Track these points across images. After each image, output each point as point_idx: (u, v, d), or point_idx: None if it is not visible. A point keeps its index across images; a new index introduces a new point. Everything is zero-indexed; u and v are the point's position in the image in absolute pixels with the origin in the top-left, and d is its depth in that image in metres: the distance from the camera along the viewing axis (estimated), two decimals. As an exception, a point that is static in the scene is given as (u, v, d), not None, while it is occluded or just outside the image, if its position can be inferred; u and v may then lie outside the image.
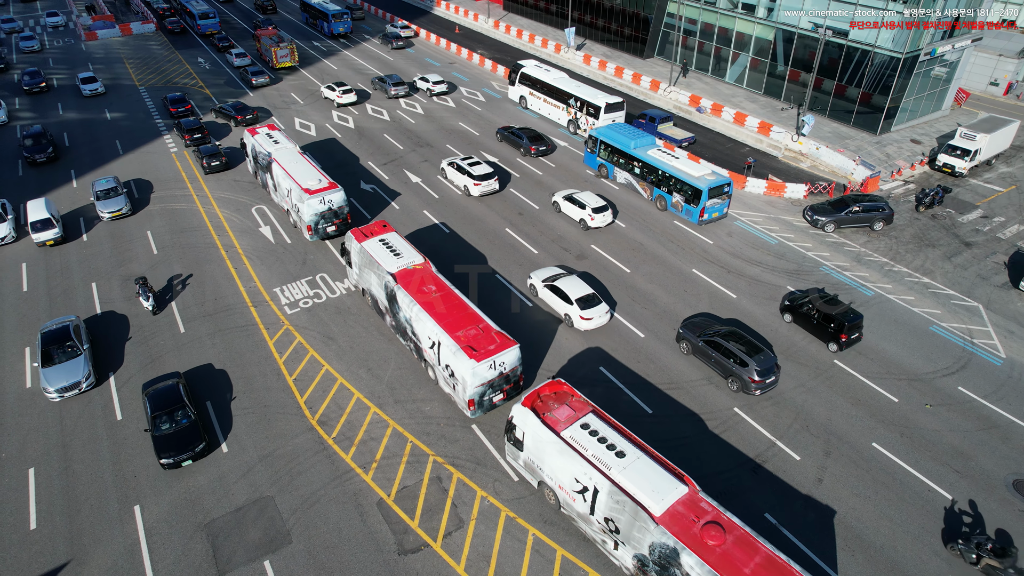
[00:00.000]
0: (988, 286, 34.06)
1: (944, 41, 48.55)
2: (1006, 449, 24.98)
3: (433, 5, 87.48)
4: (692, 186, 37.70)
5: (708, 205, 37.69)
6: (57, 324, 28.55)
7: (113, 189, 39.28)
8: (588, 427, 21.47)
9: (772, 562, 17.63)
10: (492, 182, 41.16)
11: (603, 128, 44.02)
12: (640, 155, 40.77)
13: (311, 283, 33.48)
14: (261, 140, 40.19)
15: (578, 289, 30.51)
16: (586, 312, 29.93)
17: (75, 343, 27.70)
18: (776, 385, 27.37)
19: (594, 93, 49.40)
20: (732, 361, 26.98)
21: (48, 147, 45.39)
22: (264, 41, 64.33)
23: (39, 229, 35.84)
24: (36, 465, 23.99)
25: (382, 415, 26.06)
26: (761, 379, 26.38)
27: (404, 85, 56.74)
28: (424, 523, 22.01)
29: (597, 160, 44.06)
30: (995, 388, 27.70)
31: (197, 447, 23.73)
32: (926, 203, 39.84)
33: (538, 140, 47.15)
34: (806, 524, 22.26)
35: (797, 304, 30.61)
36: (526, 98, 54.81)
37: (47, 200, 37.95)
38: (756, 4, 54.51)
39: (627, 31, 67.17)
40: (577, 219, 38.51)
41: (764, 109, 54.01)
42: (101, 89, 56.71)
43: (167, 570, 20.57)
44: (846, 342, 29.01)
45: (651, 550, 18.69)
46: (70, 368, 26.92)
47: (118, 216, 38.49)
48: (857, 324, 29.07)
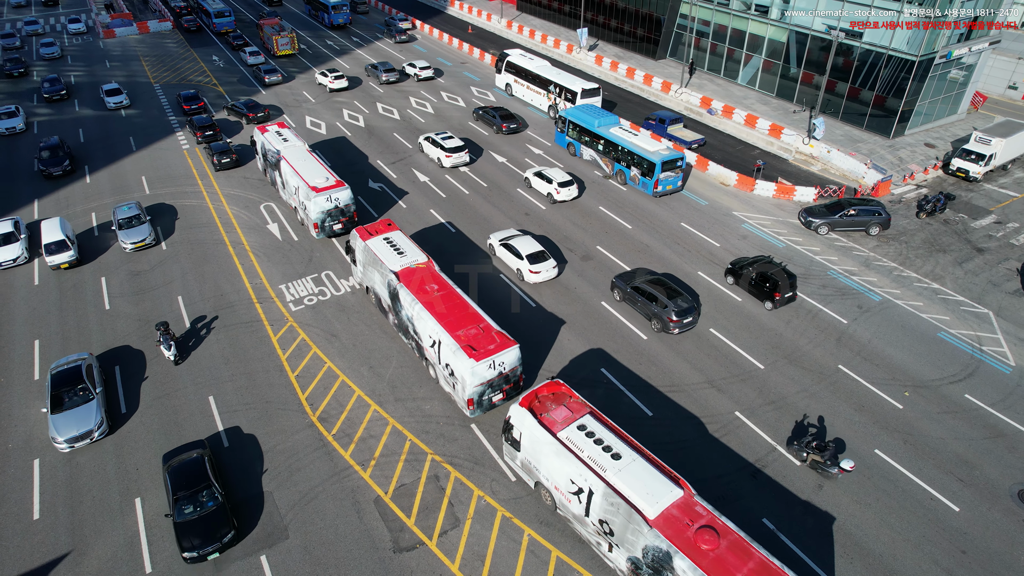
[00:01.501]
0: (999, 292, 33.57)
1: (961, 44, 47.91)
2: (1012, 459, 24.60)
3: (447, 5, 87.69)
4: (647, 160, 40.53)
5: (662, 178, 40.64)
6: (69, 364, 26.36)
7: (136, 217, 36.28)
8: (585, 428, 21.42)
9: (766, 567, 17.49)
10: (463, 154, 44.72)
11: (571, 109, 46.75)
12: (603, 133, 43.63)
13: (316, 280, 33.68)
14: (271, 138, 40.49)
15: (529, 246, 33.53)
16: (534, 266, 32.87)
17: (88, 386, 25.49)
18: (694, 326, 30.47)
19: (572, 79, 51.77)
20: (654, 304, 29.98)
21: (64, 160, 43.59)
22: (266, 30, 68.27)
23: (53, 251, 33.94)
24: (41, 456, 24.33)
25: (382, 413, 26.16)
26: (678, 319, 29.51)
27: (395, 71, 60.19)
28: (420, 521, 22.08)
29: (566, 139, 47.12)
30: (1003, 396, 27.29)
31: (224, 536, 20.77)
32: (927, 210, 39.26)
33: (509, 119, 50.56)
34: (805, 530, 22.06)
35: (738, 267, 33.15)
36: (511, 85, 57.63)
37: (62, 220, 35.98)
38: (769, 5, 54.09)
39: (640, 32, 66.93)
40: (545, 193, 41.30)
41: (776, 111, 53.59)
42: (126, 102, 54.37)
43: (165, 563, 20.78)
44: (780, 300, 31.44)
45: (644, 553, 18.61)
46: (82, 415, 24.67)
47: (142, 247, 35.69)
48: (791, 283, 31.38)
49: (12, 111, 50.84)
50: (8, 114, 50.52)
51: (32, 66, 64.96)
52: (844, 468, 23.20)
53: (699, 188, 43.11)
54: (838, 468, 23.30)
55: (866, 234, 38.01)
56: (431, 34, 76.24)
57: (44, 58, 66.66)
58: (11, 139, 49.41)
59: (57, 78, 57.39)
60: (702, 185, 43.56)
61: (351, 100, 56.53)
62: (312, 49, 70.80)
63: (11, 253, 34.68)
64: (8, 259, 34.51)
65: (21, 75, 61.88)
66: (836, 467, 23.35)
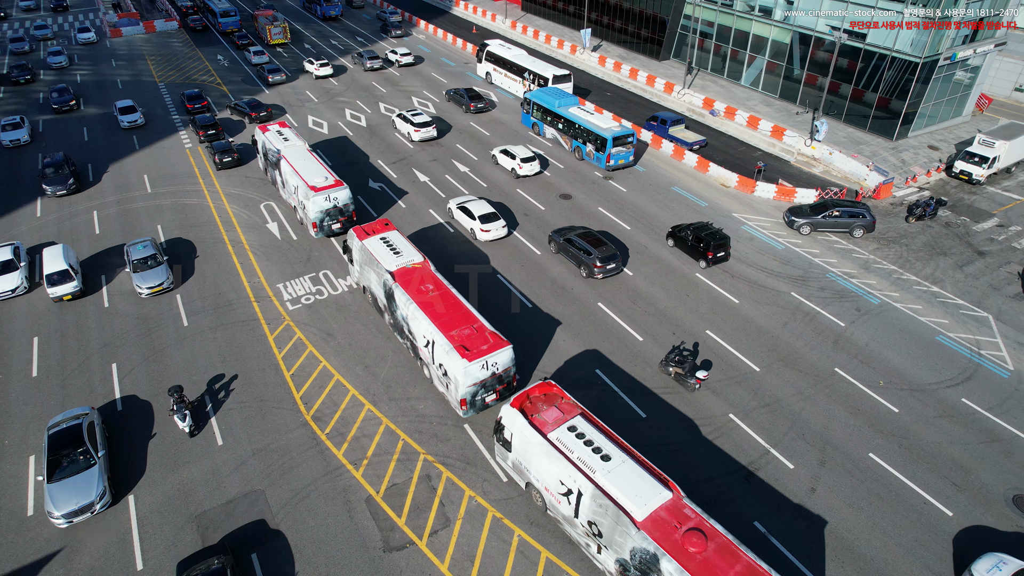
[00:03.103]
0: (1000, 296, 33.33)
1: (965, 46, 47.60)
2: (1008, 464, 24.42)
3: (451, 5, 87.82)
4: (600, 136, 43.63)
5: (613, 152, 43.70)
6: (68, 422, 23.62)
7: (152, 257, 32.90)
8: (575, 430, 21.41)
9: (753, 571, 17.43)
10: (431, 129, 48.35)
11: (535, 91, 49.88)
12: (562, 112, 46.79)
13: (314, 279, 33.79)
14: (271, 137, 40.65)
15: (482, 208, 36.91)
16: (485, 226, 36.17)
17: (89, 449, 22.81)
18: (617, 272, 33.89)
19: (545, 67, 54.91)
20: (581, 252, 33.49)
21: (69, 179, 40.99)
22: (260, 20, 72.21)
23: (56, 282, 31.42)
24: (36, 453, 24.48)
25: (376, 412, 26.22)
26: (602, 265, 32.97)
27: (379, 59, 63.97)
28: (411, 521, 22.11)
29: (531, 119, 50.35)
30: (1000, 401, 27.10)
31: None
32: (917, 214, 38.95)
33: (477, 99, 53.95)
34: (796, 534, 21.97)
35: (677, 232, 36.19)
36: (491, 74, 60.55)
37: (65, 247, 33.35)
38: (773, 7, 53.89)
39: (644, 33, 66.82)
40: (509, 168, 44.24)
41: (779, 113, 53.40)
42: (140, 121, 50.72)
43: (156, 560, 20.90)
44: (712, 259, 34.45)
45: (632, 555, 18.59)
46: (82, 484, 21.95)
47: (159, 292, 32.38)
48: (722, 244, 34.40)
49: (16, 122, 48.70)
50: (13, 125, 48.38)
51: (39, 72, 63.14)
52: (699, 378, 26.60)
53: (699, 189, 43.01)
54: (695, 378, 26.69)
55: (850, 236, 37.89)
56: (435, 34, 76.37)
57: (51, 67, 64.01)
58: (15, 151, 47.33)
59: (66, 88, 55.01)
60: (702, 186, 43.45)
61: (354, 100, 56.70)
62: (304, 39, 74.66)
63: (10, 283, 32.09)
64: (6, 289, 31.97)
65: (28, 82, 59.82)
66: (693, 377, 26.75)
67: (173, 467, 23.94)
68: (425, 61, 67.15)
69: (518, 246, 33.81)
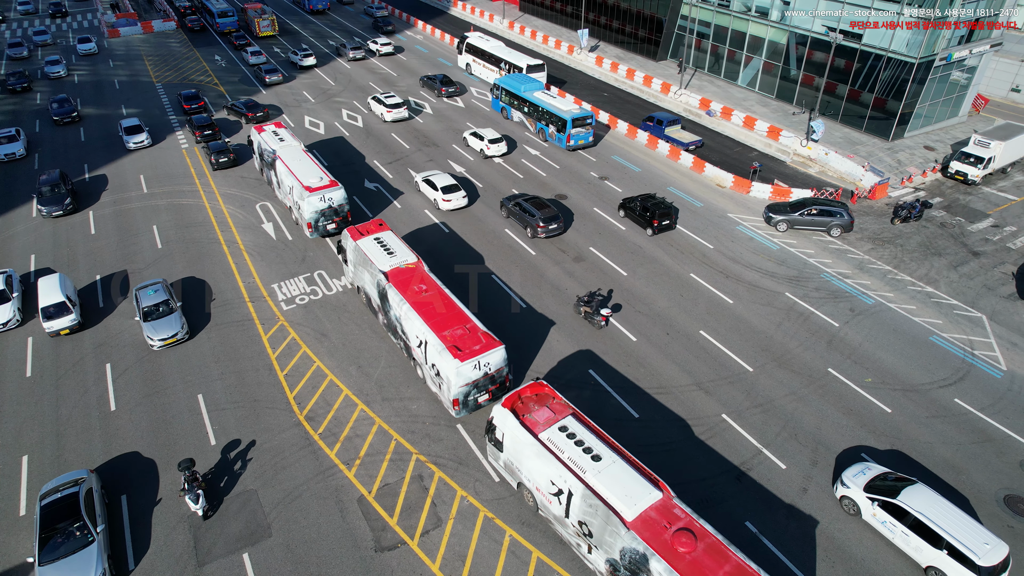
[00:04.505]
0: (994, 297, 33.35)
1: (961, 46, 47.61)
2: (999, 464, 24.44)
3: (450, 5, 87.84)
4: (560, 117, 46.53)
5: (573, 133, 46.52)
6: (62, 490, 21.17)
7: (164, 303, 29.65)
8: (566, 430, 21.43)
9: (742, 570, 17.45)
10: (402, 110, 51.64)
11: (503, 77, 52.90)
12: (527, 96, 49.70)
13: (309, 280, 33.82)
14: (267, 137, 40.67)
15: (444, 180, 39.92)
16: (446, 196, 39.12)
17: (86, 523, 20.33)
18: (559, 233, 37.15)
19: (520, 57, 57.07)
20: (527, 215, 36.87)
21: (66, 198, 38.85)
22: (249, 13, 75.08)
23: (52, 315, 29.11)
24: (30, 453, 24.52)
25: (369, 412, 26.25)
26: (544, 225, 36.31)
27: (361, 49, 67.00)
28: (402, 521, 22.14)
29: (500, 104, 53.23)
30: (993, 401, 27.12)
31: None
32: (902, 216, 38.92)
33: (448, 84, 57.18)
34: (788, 534, 21.99)
35: (627, 203, 39.04)
36: (471, 64, 62.51)
37: (62, 276, 31.14)
38: (769, 7, 53.92)
39: (641, 33, 66.85)
40: (478, 149, 46.65)
41: (775, 113, 53.43)
42: (147, 142, 47.49)
43: (148, 560, 20.92)
44: (658, 227, 37.21)
45: (622, 555, 18.61)
46: (78, 566, 19.53)
47: (172, 343, 29.16)
48: (667, 213, 37.28)
49: (12, 135, 46.37)
50: (8, 138, 46.06)
51: (36, 81, 60.99)
52: (603, 314, 29.67)
53: (695, 190, 43.04)
54: (600, 315, 29.81)
55: (827, 234, 38.04)
56: (433, 34, 76.38)
57: (49, 77, 61.50)
58: (10, 166, 45.36)
59: (67, 98, 52.76)
60: (698, 187, 43.48)
61: (350, 100, 56.73)
62: (292, 32, 77.49)
63: (1, 316, 29.91)
64: None
65: (24, 90, 57.96)
66: (598, 315, 29.85)
67: (166, 467, 23.96)
68: (424, 61, 67.63)
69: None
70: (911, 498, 21.06)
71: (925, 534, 20.46)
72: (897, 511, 21.10)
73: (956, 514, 20.63)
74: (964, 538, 19.87)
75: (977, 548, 19.65)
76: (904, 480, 21.92)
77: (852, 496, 22.30)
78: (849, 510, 22.49)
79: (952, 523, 20.30)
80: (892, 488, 21.60)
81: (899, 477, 22.16)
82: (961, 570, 19.70)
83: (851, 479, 22.59)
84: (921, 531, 20.54)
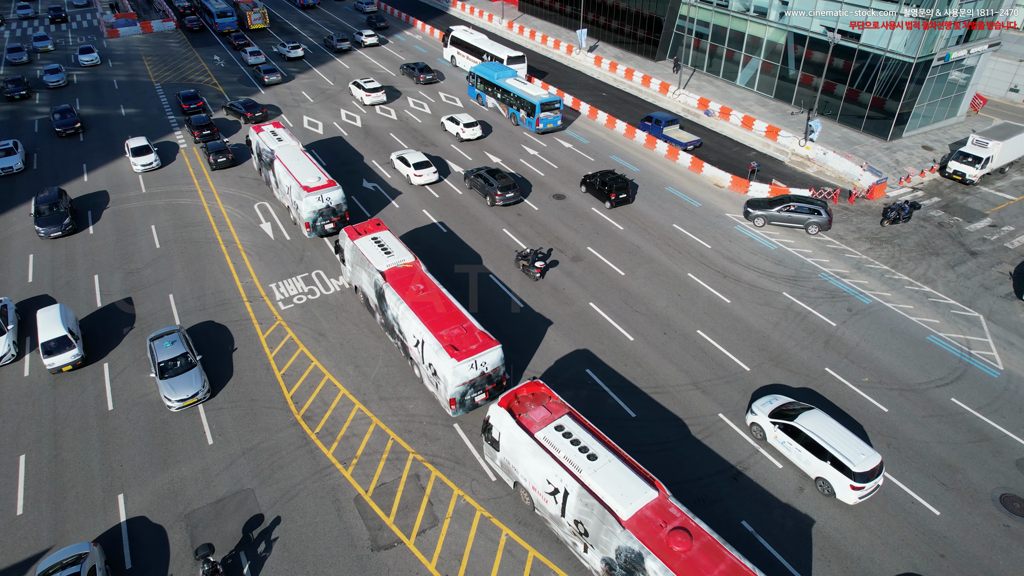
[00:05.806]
0: (991, 296, 33.37)
1: (959, 46, 47.63)
2: (996, 463, 24.47)
3: (449, 5, 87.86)
4: (530, 102, 48.90)
5: (542, 117, 48.87)
6: (63, 569, 19.14)
7: (183, 356, 26.66)
8: (562, 429, 21.46)
9: (737, 570, 17.48)
10: (380, 94, 54.69)
11: (478, 65, 55.32)
12: (500, 83, 52.00)
13: (306, 279, 33.85)
14: (265, 137, 40.71)
15: (416, 157, 42.84)
16: (418, 171, 42.05)
17: None
18: (516, 202, 40.43)
19: (501, 49, 59.45)
20: (486, 184, 40.04)
21: (65, 217, 36.68)
22: (241, 7, 77.84)
23: (53, 351, 26.95)
24: (27, 452, 24.56)
25: (366, 412, 26.28)
26: (502, 194, 39.44)
27: (347, 41, 69.85)
28: (399, 520, 22.17)
29: (475, 91, 55.65)
30: (990, 400, 27.15)
31: None
32: (891, 217, 38.85)
33: (426, 71, 60.31)
34: (784, 533, 22.02)
35: (588, 179, 41.75)
36: (456, 57, 64.78)
37: (63, 308, 29.00)
38: (768, 7, 53.94)
39: (640, 33, 66.88)
40: (454, 133, 49.15)
41: (774, 113, 53.45)
42: (156, 163, 44.35)
43: (145, 559, 20.96)
44: (615, 200, 39.91)
45: (618, 554, 18.64)
46: None
47: (192, 403, 26.19)
48: (623, 188, 39.97)
49: (10, 148, 44.27)
50: (5, 151, 43.99)
51: (35, 89, 58.85)
52: (538, 267, 32.84)
53: (693, 189, 43.07)
54: (534, 268, 32.91)
55: (806, 232, 38.14)
56: (432, 34, 76.38)
57: (48, 86, 58.97)
58: (8, 180, 43.44)
59: (69, 108, 50.60)
60: (696, 186, 43.51)
61: (349, 100, 56.74)
62: (282, 25, 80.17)
63: None
64: None
65: (23, 98, 55.99)
66: (533, 268, 32.95)
67: (163, 466, 23.99)
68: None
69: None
70: (805, 420, 23.79)
71: (814, 450, 23.13)
72: (793, 431, 23.84)
73: (842, 432, 23.27)
74: (844, 450, 22.49)
75: (854, 458, 22.27)
76: (804, 408, 24.56)
77: (759, 422, 24.97)
78: (757, 435, 25.14)
79: (836, 439, 22.91)
80: (792, 413, 24.36)
81: (802, 407, 24.70)
82: (841, 477, 22.32)
83: (759, 408, 25.28)
84: (812, 448, 23.21)
